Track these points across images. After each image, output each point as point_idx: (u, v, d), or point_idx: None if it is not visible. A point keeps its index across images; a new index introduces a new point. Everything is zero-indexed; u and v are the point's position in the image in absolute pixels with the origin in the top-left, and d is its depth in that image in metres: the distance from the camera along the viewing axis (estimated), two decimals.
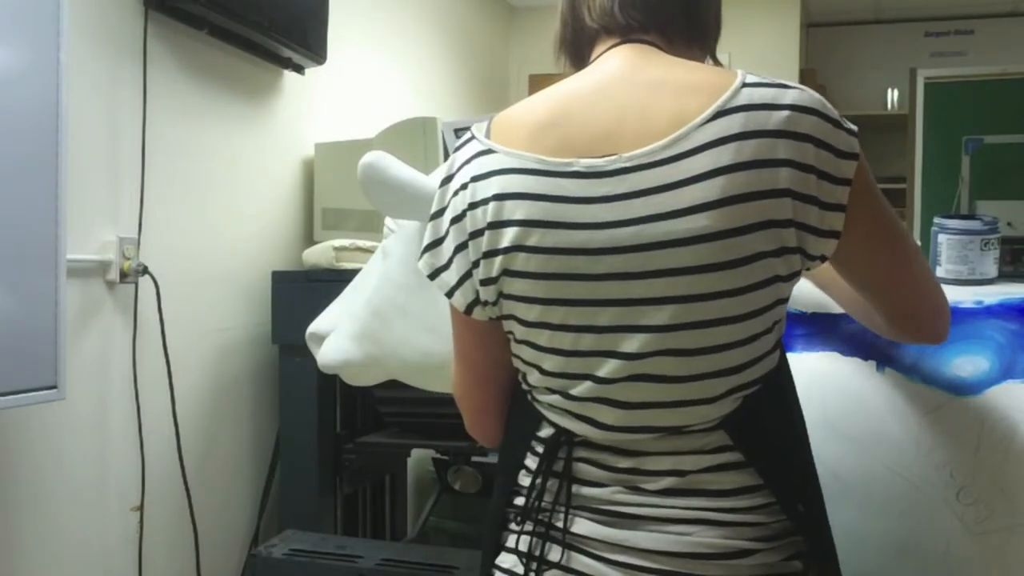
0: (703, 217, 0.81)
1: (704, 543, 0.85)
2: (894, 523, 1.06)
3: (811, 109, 0.83)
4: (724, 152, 0.81)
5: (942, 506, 1.03)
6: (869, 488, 1.08)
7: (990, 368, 1.04)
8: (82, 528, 1.88)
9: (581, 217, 0.85)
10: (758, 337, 0.85)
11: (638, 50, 0.92)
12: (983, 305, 1.09)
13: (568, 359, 0.89)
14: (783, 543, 0.87)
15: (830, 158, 0.82)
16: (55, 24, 1.53)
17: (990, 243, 1.23)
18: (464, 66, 3.90)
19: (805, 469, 0.91)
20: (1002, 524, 0.99)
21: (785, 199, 0.81)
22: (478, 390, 1.02)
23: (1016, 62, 4.20)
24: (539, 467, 0.93)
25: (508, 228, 0.88)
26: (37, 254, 1.53)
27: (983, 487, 1.01)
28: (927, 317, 0.94)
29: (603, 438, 0.90)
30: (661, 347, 0.85)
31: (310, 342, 1.60)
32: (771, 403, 0.88)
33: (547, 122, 0.89)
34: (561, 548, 0.91)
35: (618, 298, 0.85)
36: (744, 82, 0.84)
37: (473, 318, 0.95)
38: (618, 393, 0.87)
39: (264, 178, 2.49)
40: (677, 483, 0.87)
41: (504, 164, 0.89)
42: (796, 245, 0.83)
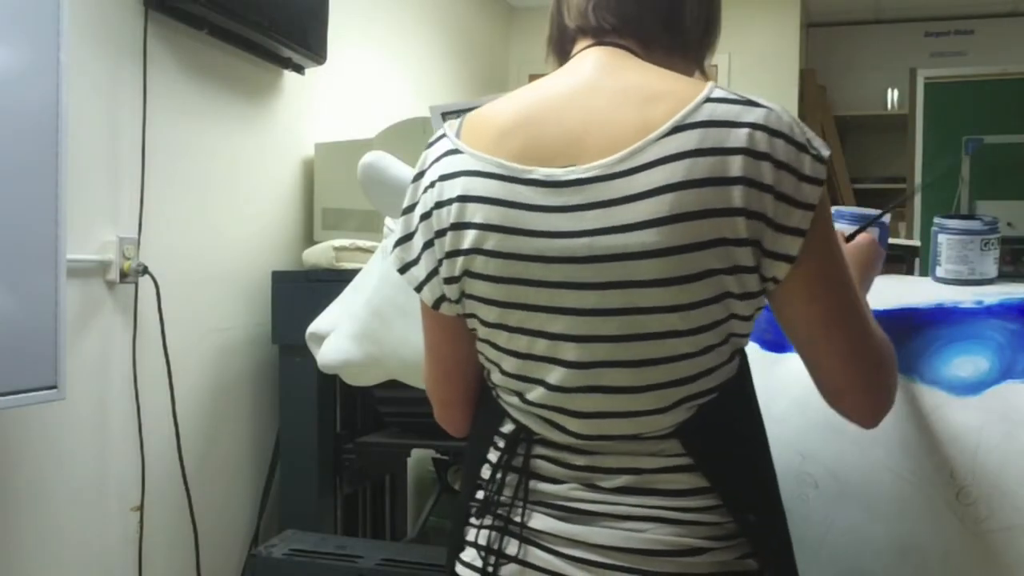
0: (652, 233, 0.81)
1: (657, 540, 0.86)
2: (894, 523, 1.06)
3: (773, 129, 0.81)
4: (677, 168, 0.80)
5: (942, 506, 1.03)
6: (869, 488, 1.08)
7: (990, 368, 1.04)
8: (82, 528, 1.88)
9: (538, 225, 0.86)
10: (712, 349, 0.86)
11: (611, 54, 0.92)
12: (983, 305, 1.09)
13: (523, 362, 0.91)
14: (737, 542, 0.88)
15: (791, 180, 0.81)
16: (55, 24, 1.53)
17: (990, 243, 1.23)
18: (464, 66, 3.90)
19: (760, 477, 0.91)
20: (1002, 524, 0.99)
21: (739, 218, 0.80)
22: (446, 383, 1.03)
23: (1016, 62, 4.20)
24: (499, 462, 0.95)
25: (469, 230, 0.89)
26: (37, 254, 1.53)
27: (983, 487, 1.01)
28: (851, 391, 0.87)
29: (563, 440, 0.91)
30: (611, 357, 0.86)
31: (310, 342, 1.60)
32: (727, 412, 0.88)
33: (513, 125, 0.90)
34: (518, 542, 0.92)
35: (572, 307, 0.86)
36: (708, 97, 0.83)
37: (441, 313, 0.96)
38: (572, 403, 0.89)
39: (264, 178, 2.49)
40: (632, 482, 0.88)
41: (469, 166, 0.90)
42: (752, 264, 0.82)
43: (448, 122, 0.97)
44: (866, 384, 0.87)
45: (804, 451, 1.14)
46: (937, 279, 1.26)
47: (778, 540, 0.92)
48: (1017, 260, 1.33)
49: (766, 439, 0.94)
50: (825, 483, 1.07)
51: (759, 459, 0.92)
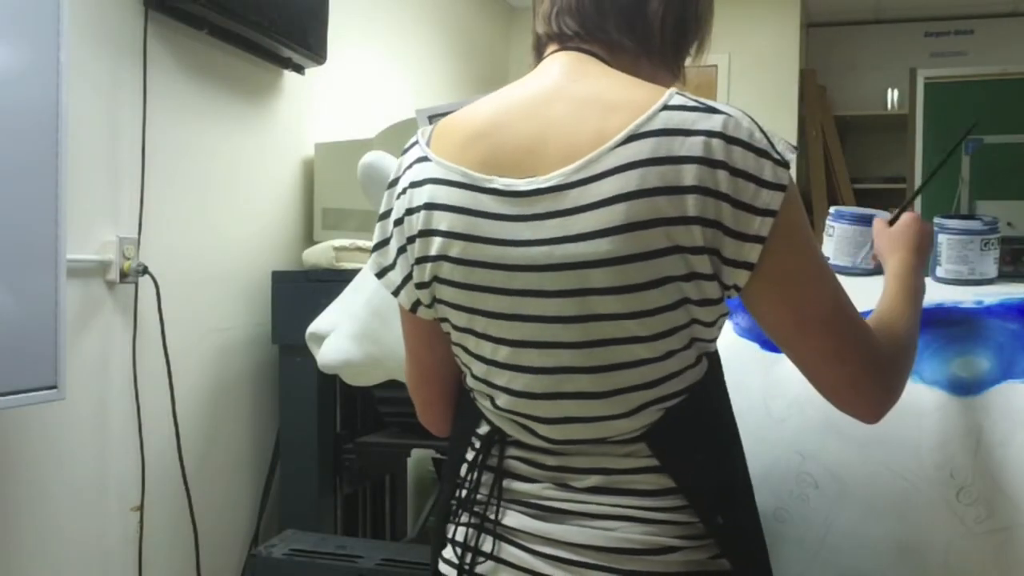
0: (607, 242, 0.81)
1: (628, 539, 0.87)
2: (894, 523, 1.06)
3: (730, 136, 0.80)
4: (631, 178, 0.81)
5: (942, 506, 1.03)
6: (869, 488, 1.08)
7: (990, 368, 1.04)
8: (82, 528, 1.88)
9: (499, 233, 0.87)
10: (674, 353, 0.86)
11: (575, 59, 0.92)
12: (983, 305, 1.09)
13: (489, 367, 0.92)
14: (709, 542, 0.88)
15: (749, 187, 0.80)
16: (55, 24, 1.53)
17: (990, 243, 1.23)
18: (464, 66, 3.90)
19: (728, 479, 0.92)
20: (1002, 524, 0.99)
21: (694, 226, 0.80)
22: (425, 385, 1.05)
23: (1016, 62, 4.20)
24: (474, 461, 0.97)
25: (435, 237, 0.90)
26: (37, 254, 1.53)
27: (983, 487, 1.01)
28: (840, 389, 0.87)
29: (534, 443, 0.92)
30: (573, 363, 0.87)
31: (310, 342, 1.60)
32: (694, 415, 0.88)
33: (477, 134, 0.90)
34: (493, 539, 0.94)
35: (533, 314, 0.87)
36: (666, 104, 0.82)
37: (419, 317, 0.98)
38: (538, 409, 0.90)
39: (264, 178, 2.49)
40: (603, 482, 0.89)
41: (435, 174, 0.91)
42: (711, 272, 0.82)
43: (421, 129, 0.98)
44: (854, 382, 0.87)
45: (804, 451, 1.14)
46: (937, 279, 1.26)
47: (748, 542, 0.92)
48: (1017, 260, 1.33)
49: (738, 441, 0.94)
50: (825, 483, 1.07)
51: (728, 461, 0.93)
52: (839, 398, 0.88)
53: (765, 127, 0.84)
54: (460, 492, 0.98)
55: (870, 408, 0.89)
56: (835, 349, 0.85)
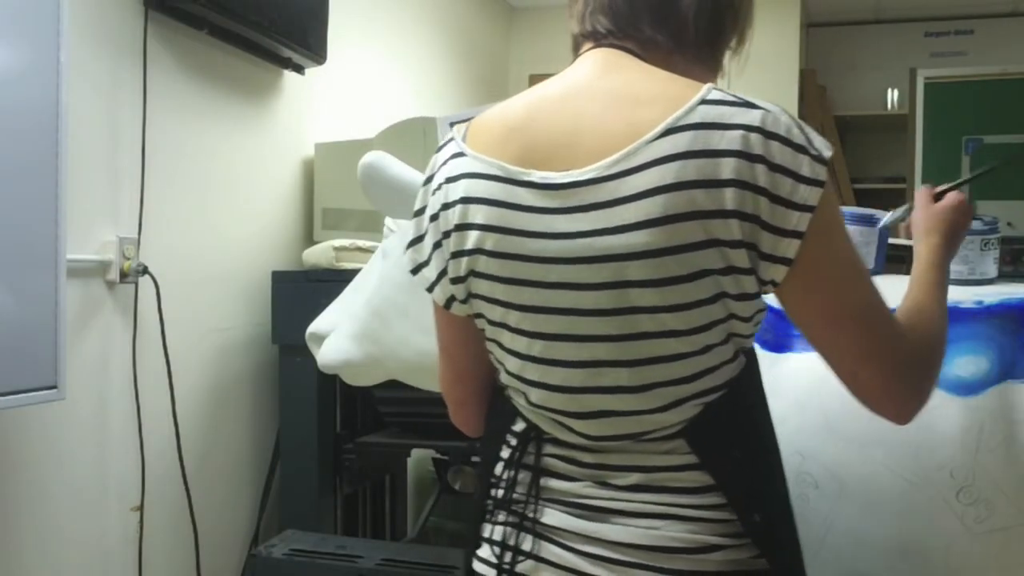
0: (644, 234, 0.81)
1: (672, 537, 0.86)
2: (894, 523, 1.06)
3: (768, 131, 0.81)
4: (669, 170, 0.81)
5: (942, 506, 1.03)
6: (869, 488, 1.08)
7: (990, 368, 1.04)
8: (82, 528, 1.88)
9: (535, 226, 0.87)
10: (711, 348, 0.86)
11: (608, 55, 0.92)
12: (983, 305, 1.09)
13: (523, 363, 0.92)
14: (750, 540, 0.88)
15: (787, 182, 0.80)
16: (55, 24, 1.53)
17: (990, 243, 1.23)
18: (464, 66, 3.90)
19: (767, 476, 0.91)
20: (1002, 524, 0.99)
21: (732, 220, 0.80)
22: (459, 384, 1.04)
23: (1016, 62, 4.20)
24: (511, 459, 0.96)
25: (471, 231, 0.91)
26: (37, 254, 1.53)
27: (983, 487, 1.01)
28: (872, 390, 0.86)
29: (572, 439, 0.92)
30: (609, 357, 0.86)
31: (310, 342, 1.60)
32: (733, 410, 0.88)
33: (513, 128, 0.91)
34: (532, 538, 0.93)
35: (568, 307, 0.87)
36: (704, 98, 0.83)
37: (452, 313, 0.98)
38: (575, 404, 0.90)
39: (264, 178, 2.49)
40: (643, 479, 0.89)
41: (471, 168, 0.92)
42: (748, 266, 0.82)
43: (456, 126, 0.98)
44: (887, 384, 0.86)
45: (804, 451, 1.14)
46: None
47: (785, 541, 0.91)
48: (1017, 260, 1.33)
49: (774, 439, 0.94)
50: (825, 483, 1.07)
51: (766, 458, 0.92)
52: (870, 398, 0.87)
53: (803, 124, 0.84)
54: (496, 491, 0.97)
55: (901, 409, 0.88)
56: (868, 349, 0.85)
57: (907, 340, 0.87)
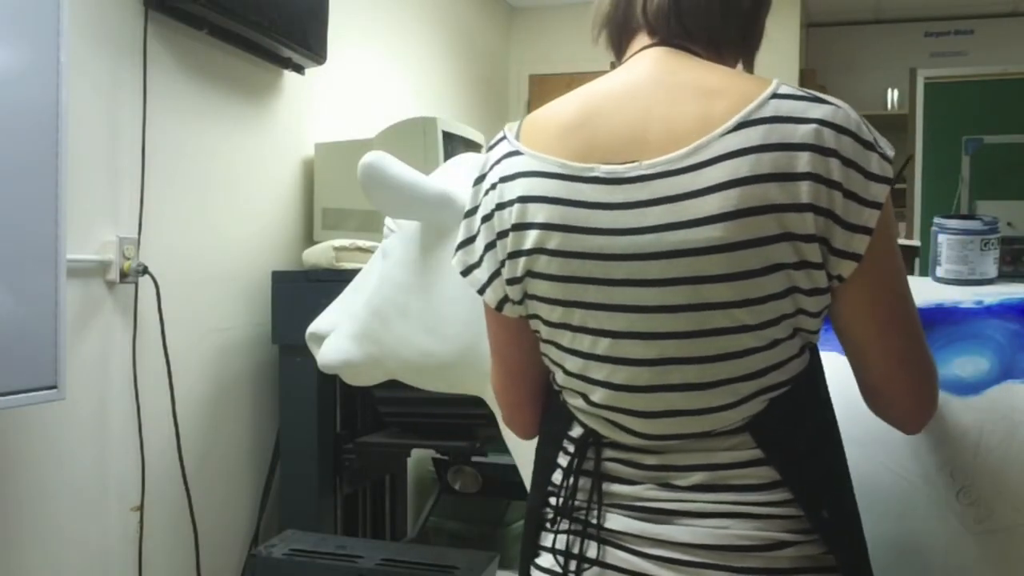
0: (718, 228, 0.81)
1: (741, 535, 0.85)
2: (894, 523, 1.06)
3: (840, 126, 0.81)
4: (743, 164, 0.80)
5: (942, 506, 1.03)
6: (869, 488, 1.08)
7: (990, 368, 1.04)
8: (82, 528, 1.88)
9: (600, 222, 0.86)
10: (779, 343, 0.85)
11: (672, 53, 0.91)
12: (983, 305, 1.09)
13: (587, 362, 0.90)
14: (819, 536, 0.87)
15: (858, 178, 0.81)
16: (55, 24, 1.53)
17: (990, 243, 1.23)
18: (464, 66, 3.90)
19: (832, 471, 0.90)
20: (1002, 524, 0.99)
21: (807, 214, 0.80)
22: (512, 386, 1.03)
23: (1016, 62, 4.20)
24: (569, 466, 0.94)
25: (531, 230, 0.89)
26: (37, 254, 1.53)
27: (983, 487, 1.01)
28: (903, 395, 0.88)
29: (631, 442, 0.91)
30: (680, 354, 0.85)
31: (310, 342, 1.60)
32: (798, 405, 0.87)
33: (573, 124, 0.90)
34: (597, 544, 0.91)
35: (635, 304, 0.86)
36: (775, 92, 0.83)
37: (504, 315, 0.97)
38: (638, 403, 0.88)
39: (264, 178, 2.49)
40: (707, 479, 0.87)
41: (529, 167, 0.90)
42: (820, 261, 0.81)
43: (508, 124, 0.97)
44: (917, 390, 0.88)
45: None
46: (937, 279, 1.26)
47: (852, 536, 0.90)
48: (1017, 260, 1.32)
49: (837, 434, 0.92)
50: None
51: (830, 453, 0.91)
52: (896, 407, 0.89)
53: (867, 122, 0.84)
54: (557, 500, 0.96)
55: (922, 416, 0.91)
56: (907, 351, 0.87)
57: (929, 352, 0.89)
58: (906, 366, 0.87)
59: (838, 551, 0.86)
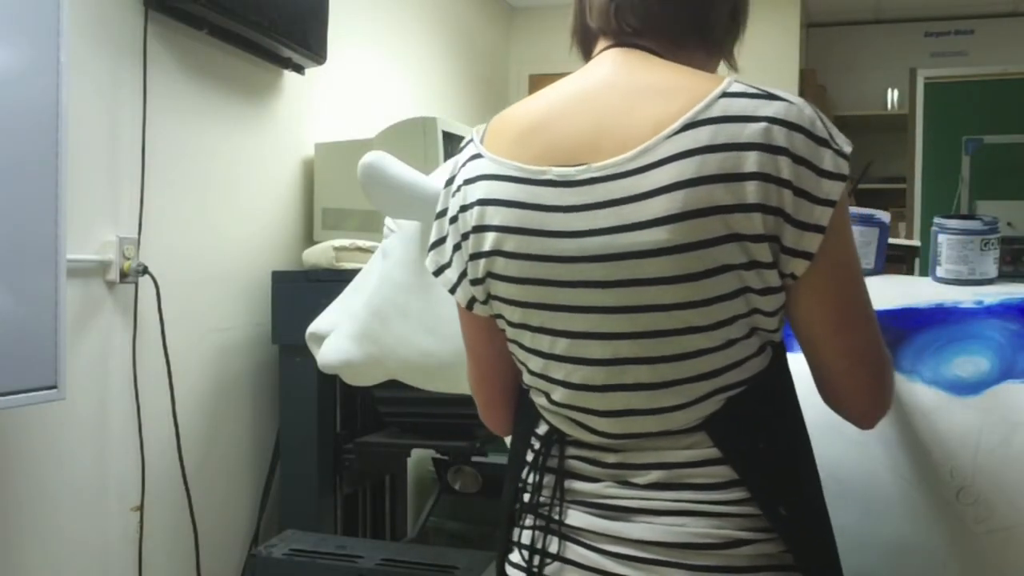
0: (663, 231, 0.81)
1: (697, 533, 0.86)
2: (894, 523, 1.06)
3: (791, 123, 0.80)
4: (688, 165, 0.80)
5: (942, 506, 1.03)
6: (869, 488, 1.08)
7: (990, 368, 1.04)
8: (82, 528, 1.88)
9: (554, 225, 0.86)
10: (735, 342, 0.85)
11: (629, 55, 0.91)
12: (983, 305, 1.09)
13: (547, 361, 0.92)
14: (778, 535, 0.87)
15: (810, 175, 0.80)
16: (55, 24, 1.53)
17: (990, 243, 1.23)
18: (464, 66, 3.90)
19: (792, 469, 0.90)
20: (1002, 524, 0.99)
21: (755, 214, 0.79)
22: (485, 383, 1.04)
23: (1016, 62, 4.20)
24: (535, 463, 0.96)
25: (489, 233, 0.90)
26: (37, 254, 1.53)
27: (983, 487, 1.01)
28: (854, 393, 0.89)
29: (592, 440, 0.92)
30: (631, 355, 0.86)
31: (310, 342, 1.60)
32: (756, 404, 0.87)
33: (531, 128, 0.90)
34: (558, 540, 0.93)
35: (589, 305, 0.86)
36: (725, 91, 0.82)
37: (475, 313, 0.98)
38: (597, 402, 0.89)
39: (264, 178, 2.49)
40: (664, 477, 0.88)
41: (489, 170, 0.92)
42: (771, 260, 0.81)
43: (476, 127, 0.98)
44: (872, 386, 0.88)
45: None
46: (937, 279, 1.26)
47: (814, 535, 0.90)
48: (1017, 260, 1.32)
49: (802, 433, 0.92)
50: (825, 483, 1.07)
51: (792, 451, 0.91)
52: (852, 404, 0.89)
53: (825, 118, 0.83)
54: (523, 496, 0.97)
55: (876, 414, 0.91)
56: (862, 349, 0.86)
57: (884, 347, 0.90)
58: (861, 363, 0.87)
59: (798, 549, 0.87)
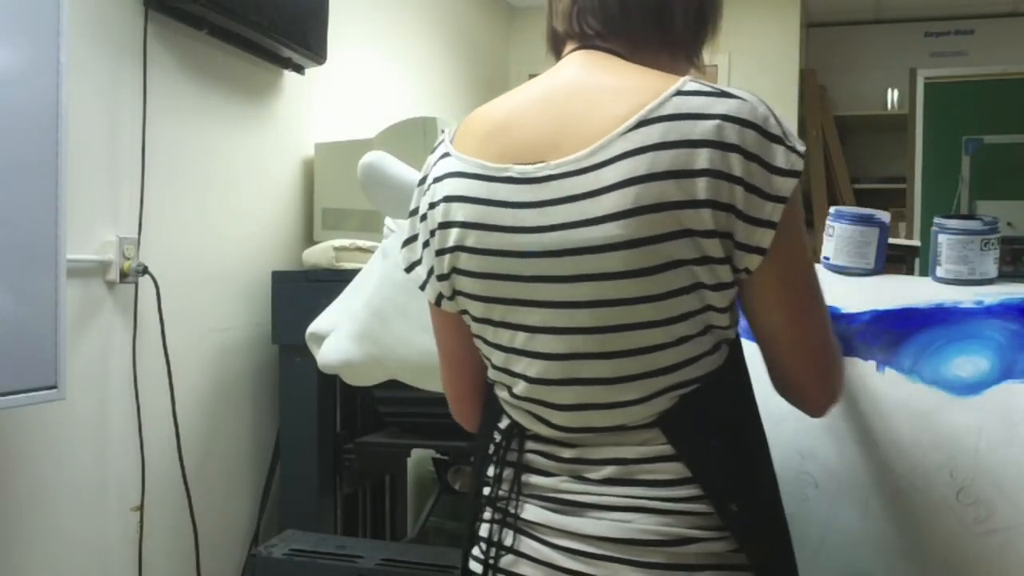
0: (616, 226, 0.82)
1: (645, 530, 0.87)
2: (894, 523, 1.06)
3: (744, 120, 0.81)
4: (641, 162, 0.82)
5: (942, 506, 1.03)
6: (869, 488, 1.08)
7: (990, 368, 1.04)
8: (82, 528, 1.88)
9: (513, 221, 0.89)
10: (689, 339, 0.86)
11: (593, 56, 0.93)
12: (983, 305, 1.09)
13: (508, 355, 0.94)
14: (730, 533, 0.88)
15: (761, 172, 0.81)
16: (55, 24, 1.53)
17: (990, 243, 1.23)
18: (464, 66, 3.90)
19: (745, 467, 0.91)
20: (1002, 524, 0.99)
21: (705, 210, 0.81)
22: (454, 378, 1.07)
23: (1016, 62, 4.20)
24: (495, 457, 0.98)
25: (453, 228, 0.93)
26: (37, 254, 1.53)
27: (983, 487, 1.01)
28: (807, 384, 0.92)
29: (550, 434, 0.93)
30: (588, 349, 0.88)
31: (310, 342, 1.60)
32: (710, 402, 0.89)
33: (496, 128, 0.93)
34: (513, 533, 0.95)
35: (547, 300, 0.88)
36: (679, 90, 0.83)
37: (444, 310, 1.00)
38: (553, 395, 0.91)
39: (264, 178, 2.49)
40: (617, 472, 0.89)
41: (455, 168, 0.94)
42: (723, 255, 0.83)
43: (449, 127, 1.01)
44: (824, 377, 0.92)
45: (804, 451, 1.14)
46: (937, 279, 1.26)
47: (766, 533, 0.91)
48: (1017, 260, 1.32)
49: (758, 432, 0.94)
50: (825, 483, 1.07)
51: (746, 449, 0.92)
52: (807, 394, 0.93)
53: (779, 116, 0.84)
54: (484, 489, 0.99)
55: (829, 402, 0.95)
56: (815, 342, 0.90)
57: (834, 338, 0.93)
58: (814, 356, 0.90)
59: (750, 549, 0.87)
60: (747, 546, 0.87)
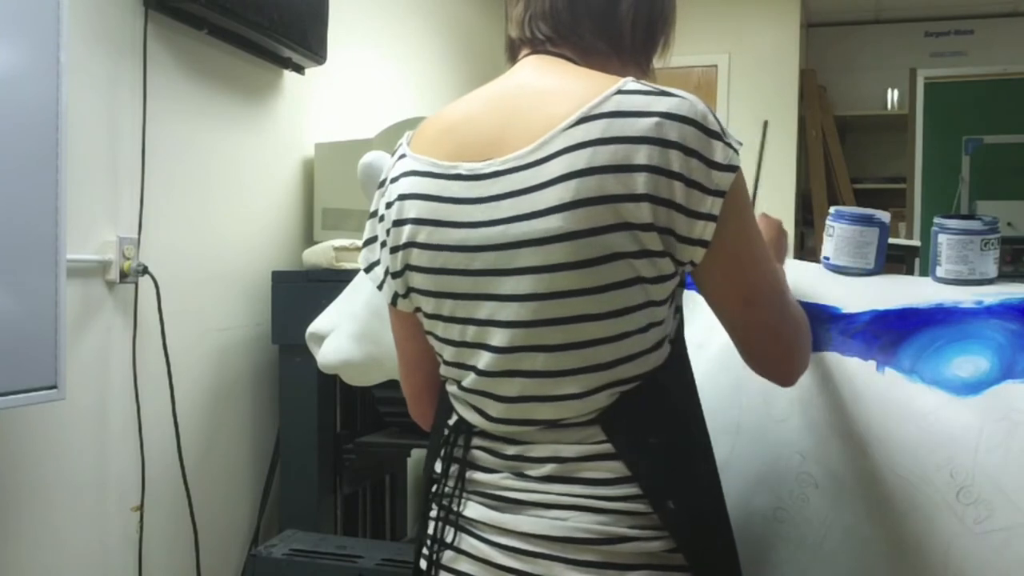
0: (557, 218, 0.85)
1: (580, 528, 0.88)
2: (894, 523, 1.06)
3: (684, 117, 0.84)
4: (581, 156, 0.84)
5: (942, 506, 1.03)
6: (869, 488, 1.08)
7: (990, 368, 1.04)
8: (82, 528, 1.88)
9: (461, 216, 0.91)
10: (629, 335, 0.88)
11: (543, 61, 0.96)
12: (983, 305, 1.09)
13: (458, 349, 0.95)
14: (667, 533, 0.88)
15: (700, 167, 0.84)
16: (55, 24, 1.53)
17: (990, 243, 1.23)
18: (464, 66, 3.90)
19: (685, 466, 0.92)
20: (1002, 524, 0.99)
21: (643, 203, 0.83)
22: (411, 377, 1.09)
23: (1016, 62, 4.20)
24: (443, 453, 1.00)
25: (406, 226, 0.95)
26: (37, 254, 1.53)
27: (983, 487, 1.01)
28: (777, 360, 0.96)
29: (493, 429, 0.95)
30: (528, 342, 0.89)
31: (310, 342, 1.60)
32: (650, 400, 0.90)
33: (449, 128, 0.96)
34: (455, 530, 0.96)
35: (492, 293, 0.90)
36: (619, 89, 0.86)
37: (399, 309, 1.02)
38: (496, 387, 0.93)
39: (264, 178, 2.49)
40: (557, 470, 0.90)
41: (409, 167, 0.97)
42: (662, 249, 0.85)
43: (409, 130, 1.03)
44: (789, 351, 0.96)
45: (804, 451, 1.14)
46: (937, 279, 1.26)
47: (706, 533, 0.92)
48: (1017, 260, 1.33)
49: (700, 432, 0.96)
50: (825, 483, 1.07)
51: (685, 449, 0.93)
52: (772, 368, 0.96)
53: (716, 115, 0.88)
54: (432, 486, 1.01)
55: (794, 376, 0.99)
56: (776, 324, 0.93)
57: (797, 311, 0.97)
58: (774, 335, 0.94)
59: (688, 549, 0.88)
60: (685, 546, 0.88)
